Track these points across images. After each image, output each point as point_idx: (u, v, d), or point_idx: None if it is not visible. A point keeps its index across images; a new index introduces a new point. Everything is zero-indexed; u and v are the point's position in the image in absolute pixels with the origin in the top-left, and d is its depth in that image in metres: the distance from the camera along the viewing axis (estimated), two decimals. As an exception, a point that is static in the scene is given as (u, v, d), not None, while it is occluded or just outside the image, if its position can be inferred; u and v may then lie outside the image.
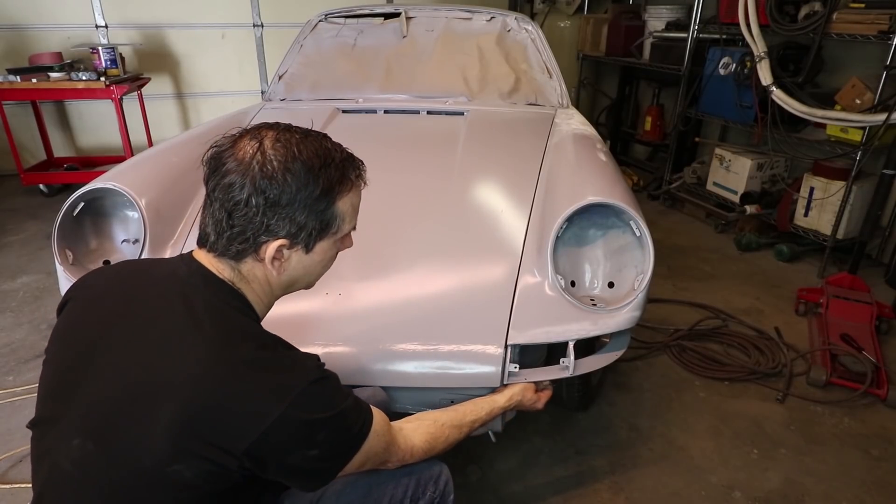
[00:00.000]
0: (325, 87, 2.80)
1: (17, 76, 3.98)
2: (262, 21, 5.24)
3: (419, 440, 1.10)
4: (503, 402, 1.35)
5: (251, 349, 0.86)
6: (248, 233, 0.89)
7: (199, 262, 0.93)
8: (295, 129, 0.93)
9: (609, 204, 1.58)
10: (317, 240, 0.95)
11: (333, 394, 0.91)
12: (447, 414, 1.20)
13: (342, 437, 0.91)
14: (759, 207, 3.64)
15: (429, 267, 1.62)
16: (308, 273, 1.00)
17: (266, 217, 0.88)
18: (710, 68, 3.80)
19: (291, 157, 0.88)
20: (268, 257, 0.91)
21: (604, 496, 1.81)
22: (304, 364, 0.90)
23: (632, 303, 1.53)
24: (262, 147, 0.88)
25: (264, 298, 0.97)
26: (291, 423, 0.82)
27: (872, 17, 2.89)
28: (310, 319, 1.50)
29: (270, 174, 0.87)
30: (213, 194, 0.89)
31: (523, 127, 2.42)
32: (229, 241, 0.89)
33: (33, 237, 3.70)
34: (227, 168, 0.88)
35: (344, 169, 0.95)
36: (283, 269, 0.94)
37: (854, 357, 2.35)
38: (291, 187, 0.88)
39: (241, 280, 0.93)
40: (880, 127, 2.87)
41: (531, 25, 2.93)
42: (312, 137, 0.93)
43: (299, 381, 0.85)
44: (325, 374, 0.91)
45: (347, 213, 0.97)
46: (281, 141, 0.89)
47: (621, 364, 2.39)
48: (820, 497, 1.82)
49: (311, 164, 0.89)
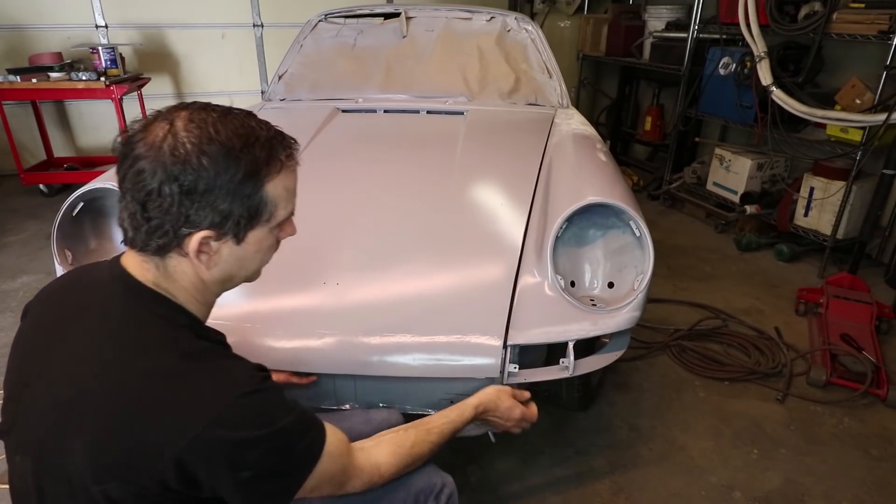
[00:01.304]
0: (324, 87, 2.80)
1: (17, 76, 3.99)
2: (262, 21, 5.24)
3: (384, 457, 1.01)
4: (474, 402, 1.22)
5: (170, 359, 0.79)
6: (167, 226, 0.79)
7: (122, 266, 0.85)
8: (213, 108, 0.83)
9: (609, 204, 1.58)
10: (247, 229, 0.84)
11: (269, 408, 0.81)
12: (412, 425, 1.11)
13: (283, 458, 0.81)
14: (759, 207, 3.64)
15: (427, 263, 1.62)
16: (244, 266, 0.90)
17: (183, 207, 0.78)
18: (710, 68, 3.80)
19: (207, 138, 0.78)
20: (192, 251, 0.81)
21: (604, 496, 1.81)
22: (233, 374, 0.81)
23: (632, 303, 1.53)
24: (173, 128, 0.78)
25: (199, 297, 0.88)
26: (212, 442, 0.74)
27: (872, 17, 2.89)
28: (307, 309, 1.50)
29: (183, 158, 0.77)
30: (124, 185, 0.79)
31: (523, 127, 2.42)
32: (148, 236, 0.80)
33: (33, 237, 3.70)
34: (137, 154, 0.78)
35: (271, 148, 0.84)
36: (212, 262, 0.85)
37: (854, 357, 2.35)
38: (209, 172, 0.78)
39: (168, 279, 0.84)
40: (880, 127, 2.87)
41: (531, 25, 2.93)
42: (233, 115, 0.83)
43: (224, 394, 0.77)
44: (261, 386, 0.81)
45: (280, 197, 0.86)
46: (195, 121, 0.79)
47: (621, 364, 2.39)
48: (820, 497, 1.82)
49: (230, 144, 0.79)
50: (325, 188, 1.96)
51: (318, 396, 1.50)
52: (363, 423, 1.25)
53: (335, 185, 1.97)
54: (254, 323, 1.46)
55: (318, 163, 2.10)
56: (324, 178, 2.02)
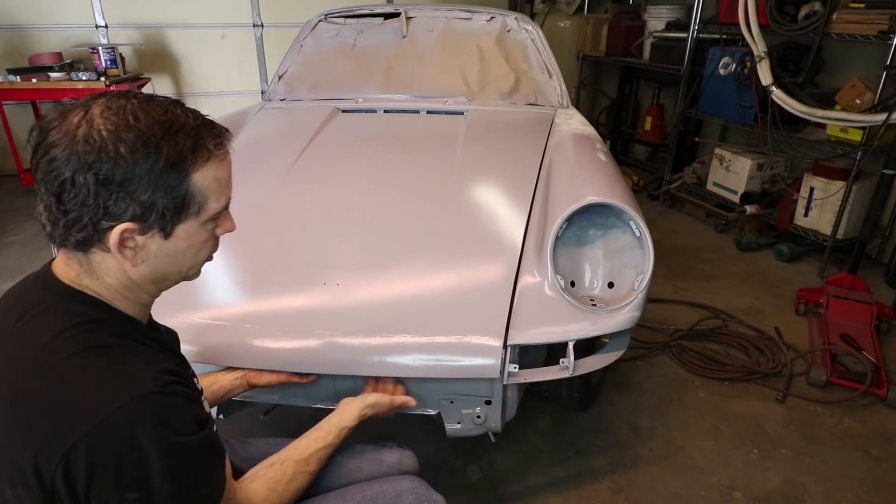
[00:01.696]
0: (324, 87, 2.80)
1: (17, 76, 3.99)
2: (262, 21, 5.24)
3: (260, 496, 0.96)
4: (351, 422, 1.18)
5: (66, 354, 0.73)
6: (85, 218, 0.73)
7: (49, 267, 0.81)
8: (134, 95, 0.78)
9: (609, 204, 1.58)
10: (174, 222, 0.79)
11: (170, 416, 0.74)
12: (286, 452, 1.06)
13: (176, 487, 0.74)
14: (759, 207, 3.64)
15: (427, 263, 1.62)
16: (176, 263, 0.83)
17: (101, 198, 0.73)
18: (710, 68, 3.80)
19: (125, 124, 0.73)
20: (113, 245, 0.76)
21: (604, 496, 1.81)
22: (135, 372, 0.74)
23: (632, 303, 1.53)
24: (88, 115, 0.73)
25: (129, 295, 0.82)
26: (100, 446, 0.68)
27: (872, 17, 2.89)
28: (307, 310, 1.50)
29: (99, 146, 0.72)
30: (37, 175, 0.74)
31: (523, 127, 2.42)
32: (66, 231, 0.75)
33: (33, 237, 3.70)
34: (50, 142, 0.72)
35: (198, 137, 0.79)
36: (139, 258, 0.79)
37: (854, 357, 2.35)
38: (126, 160, 0.72)
39: (92, 277, 0.79)
40: (880, 127, 2.87)
41: (531, 25, 2.93)
42: (156, 103, 0.78)
43: (119, 393, 0.71)
44: (165, 388, 0.75)
45: (210, 188, 0.81)
46: (112, 108, 0.74)
47: (621, 364, 2.39)
48: (820, 497, 1.82)
49: (150, 132, 0.74)
50: (325, 188, 1.96)
51: (318, 397, 1.50)
52: (373, 462, 1.21)
53: (335, 185, 1.97)
54: (254, 323, 1.46)
55: (318, 163, 2.10)
56: (324, 178, 2.02)
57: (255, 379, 1.36)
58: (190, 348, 1.38)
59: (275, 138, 2.38)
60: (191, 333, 1.42)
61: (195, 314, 1.47)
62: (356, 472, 1.18)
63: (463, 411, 1.51)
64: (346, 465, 1.18)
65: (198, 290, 1.52)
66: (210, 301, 1.52)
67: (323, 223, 1.79)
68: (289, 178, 1.99)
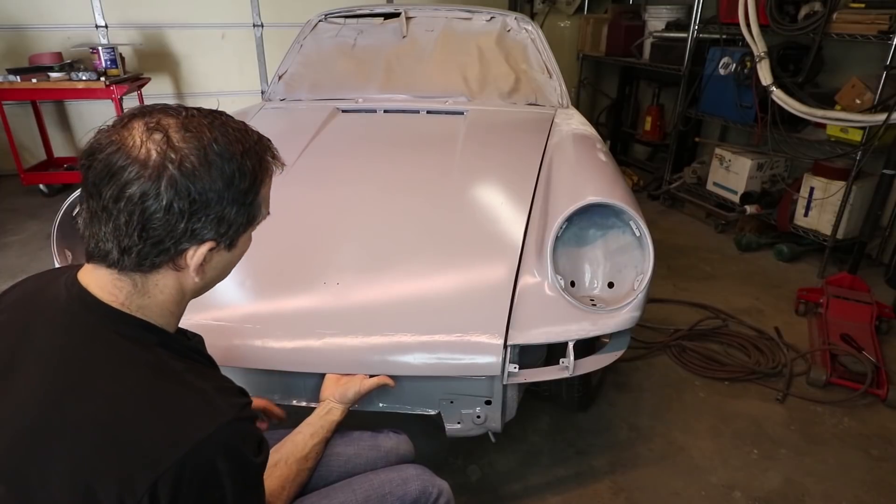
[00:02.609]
0: (324, 87, 2.81)
1: (17, 76, 3.99)
2: (262, 21, 5.24)
3: (273, 494, 1.00)
4: (339, 416, 1.25)
5: (142, 382, 0.73)
6: (168, 242, 0.74)
7: (80, 284, 0.78)
8: (195, 111, 0.78)
9: (609, 204, 1.58)
10: (241, 233, 0.82)
11: (247, 440, 0.77)
12: (286, 449, 1.10)
13: (243, 498, 0.77)
14: (759, 207, 3.64)
15: (428, 263, 1.63)
16: (227, 271, 0.86)
17: (191, 222, 0.74)
18: (710, 68, 3.80)
19: (208, 146, 0.74)
20: (193, 265, 0.77)
21: (604, 496, 1.81)
22: (213, 401, 0.75)
23: (632, 303, 1.53)
24: (170, 141, 0.72)
25: (174, 309, 0.82)
26: (188, 473, 0.69)
27: (872, 17, 2.89)
28: (308, 310, 1.50)
29: (191, 172, 0.72)
30: (117, 206, 0.71)
31: (523, 127, 2.42)
32: (140, 257, 0.74)
33: (33, 237, 3.70)
34: (130, 175, 0.70)
35: (261, 151, 0.82)
36: (204, 272, 0.80)
37: (854, 357, 2.35)
38: (218, 183, 0.74)
39: (143, 296, 0.77)
40: (880, 127, 2.87)
41: (531, 25, 2.93)
42: (219, 120, 0.78)
43: (204, 422, 0.72)
44: (241, 414, 0.76)
45: (267, 199, 0.86)
46: (190, 130, 0.74)
47: (621, 364, 2.39)
48: (820, 497, 1.82)
49: (231, 151, 0.75)
50: (326, 188, 1.96)
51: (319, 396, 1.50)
52: (371, 448, 1.23)
53: (335, 186, 1.97)
54: (254, 323, 1.46)
55: (319, 163, 2.10)
56: (324, 179, 2.02)
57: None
58: (190, 348, 1.39)
59: (275, 138, 2.37)
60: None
61: (196, 315, 1.47)
62: (355, 458, 1.20)
63: (463, 411, 1.51)
64: (344, 454, 1.20)
65: (198, 290, 1.52)
66: (210, 302, 1.52)
67: (323, 223, 1.79)
68: (289, 178, 1.98)
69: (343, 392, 1.30)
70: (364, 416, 1.33)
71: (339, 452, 1.20)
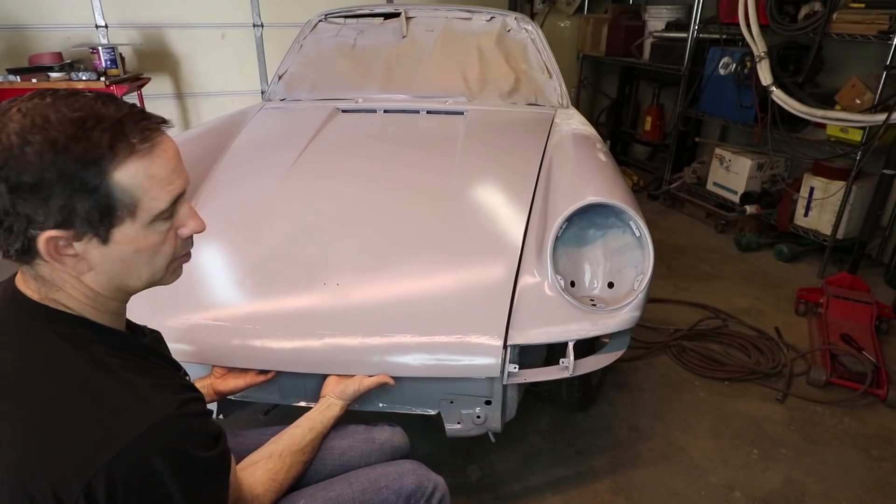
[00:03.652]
0: (324, 87, 2.80)
1: (17, 76, 3.98)
2: (262, 21, 5.23)
3: (262, 486, 1.00)
4: (338, 412, 1.26)
5: (74, 382, 0.71)
6: (15, 227, 0.69)
7: (14, 285, 0.78)
8: (53, 92, 0.72)
9: (609, 204, 1.58)
10: (107, 226, 0.72)
11: (187, 437, 0.74)
12: (283, 442, 1.11)
13: (191, 498, 0.74)
14: (759, 207, 3.64)
15: (428, 263, 1.63)
16: (132, 268, 0.78)
17: (18, 206, 0.68)
18: (710, 68, 3.80)
19: (31, 126, 0.68)
20: (44, 254, 0.71)
21: (604, 496, 1.81)
22: (148, 397, 0.73)
23: (632, 303, 1.53)
24: (4, 116, 0.69)
25: (95, 304, 0.78)
26: (123, 474, 0.68)
27: (872, 17, 2.89)
28: (308, 310, 1.50)
29: (7, 149, 0.67)
30: None
31: (523, 127, 2.42)
32: (5, 241, 0.71)
33: None
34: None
35: (118, 131, 0.71)
36: (83, 267, 0.74)
37: (854, 357, 2.35)
38: (33, 164, 0.67)
39: (53, 290, 0.75)
40: (880, 127, 2.87)
41: (531, 25, 2.93)
42: (75, 98, 0.72)
43: (137, 420, 0.70)
44: (180, 411, 0.74)
45: (141, 186, 0.73)
46: (23, 110, 0.69)
47: (621, 364, 2.39)
48: (820, 497, 1.82)
49: (59, 131, 0.68)
50: (325, 188, 1.96)
51: (318, 396, 1.50)
52: (365, 441, 1.24)
53: (335, 186, 1.97)
54: (254, 324, 1.46)
55: (318, 163, 2.10)
56: (324, 178, 2.02)
57: (221, 385, 1.36)
58: (190, 349, 1.39)
59: (275, 138, 2.38)
60: (191, 334, 1.42)
61: (195, 315, 1.47)
62: (350, 451, 1.21)
63: (463, 411, 1.51)
64: (339, 447, 1.21)
65: (197, 290, 1.52)
66: (210, 301, 1.52)
67: (323, 223, 1.79)
68: (289, 178, 1.99)
69: (343, 389, 1.31)
70: (364, 417, 1.33)
71: (333, 446, 1.21)
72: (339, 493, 1.07)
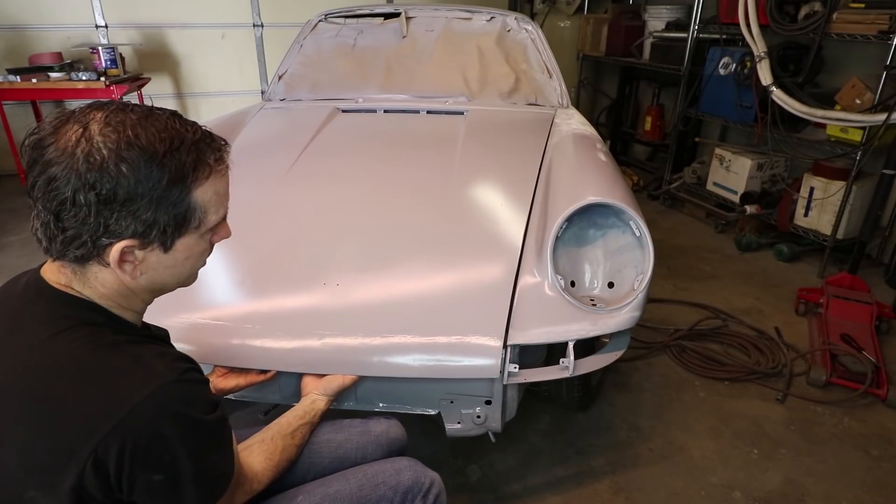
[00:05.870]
0: (324, 87, 2.81)
1: (17, 76, 3.99)
2: (262, 21, 5.24)
3: (260, 466, 1.03)
4: (323, 405, 1.28)
5: (80, 354, 0.75)
6: (85, 236, 0.73)
7: (39, 274, 0.81)
8: (132, 108, 0.77)
9: (609, 204, 1.58)
10: (175, 237, 0.79)
11: (189, 401, 0.77)
12: (273, 428, 1.13)
13: (198, 466, 0.78)
14: (759, 207, 3.64)
15: (427, 263, 1.63)
16: (175, 273, 0.84)
17: (102, 217, 0.72)
18: (710, 68, 3.80)
19: (126, 142, 0.72)
20: (113, 262, 0.76)
21: (604, 496, 1.81)
22: (151, 364, 0.77)
23: (632, 303, 1.53)
24: (87, 132, 0.72)
25: (123, 302, 0.82)
26: (129, 437, 0.71)
27: (872, 17, 2.89)
28: (307, 310, 1.50)
29: (100, 165, 0.71)
30: (34, 193, 0.73)
31: (523, 127, 2.42)
32: (64, 247, 0.75)
33: (33, 237, 3.69)
34: (48, 159, 0.72)
35: (199, 152, 0.78)
36: (138, 272, 0.79)
37: (854, 357, 2.35)
38: (128, 179, 0.72)
39: (85, 285, 0.79)
40: (880, 127, 2.87)
41: (531, 25, 2.93)
42: (156, 117, 0.77)
43: (141, 385, 0.73)
44: (182, 377, 0.77)
45: (211, 202, 0.81)
46: (112, 124, 0.73)
47: (621, 364, 2.39)
48: (820, 497, 1.82)
49: (152, 149, 0.73)
50: (326, 188, 1.96)
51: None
52: (361, 433, 1.24)
53: (335, 186, 1.97)
54: (254, 324, 1.46)
55: (319, 163, 2.10)
56: (324, 179, 2.02)
57: (222, 384, 1.36)
58: (190, 349, 1.38)
59: (275, 138, 2.38)
60: (191, 334, 1.42)
61: (196, 314, 1.47)
62: (346, 444, 1.21)
63: (463, 411, 1.51)
64: (334, 440, 1.21)
65: (198, 290, 1.52)
66: (211, 301, 1.52)
67: (323, 223, 1.79)
68: (289, 178, 1.99)
69: (327, 385, 1.32)
70: (364, 417, 1.33)
71: (329, 439, 1.21)
72: (336, 490, 1.08)
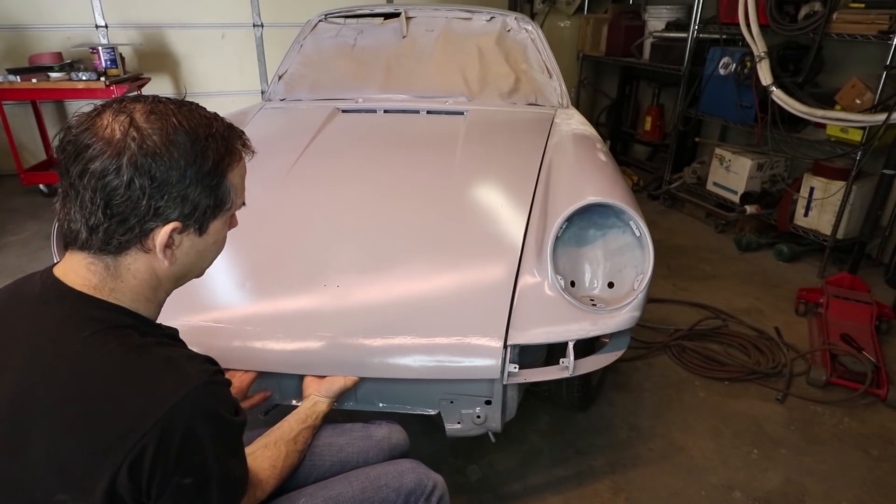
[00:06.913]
0: (324, 87, 2.80)
1: (17, 76, 3.99)
2: (262, 21, 5.24)
3: (263, 472, 1.03)
4: (325, 407, 1.28)
5: (113, 357, 0.75)
6: (133, 220, 0.76)
7: (54, 276, 0.81)
8: (167, 99, 0.82)
9: (609, 204, 1.58)
10: (210, 219, 0.84)
11: (221, 402, 0.80)
12: (276, 433, 1.13)
13: (222, 469, 0.79)
14: (759, 207, 3.64)
15: (428, 264, 1.63)
16: (201, 259, 0.88)
17: (153, 200, 0.76)
18: (710, 68, 3.80)
19: (173, 128, 0.77)
20: (159, 245, 0.79)
21: (604, 496, 1.81)
22: (183, 367, 0.78)
23: (632, 303, 1.53)
24: (134, 122, 0.76)
25: (149, 294, 0.84)
26: (164, 439, 0.71)
27: (872, 17, 2.89)
28: (308, 311, 1.50)
29: (153, 150, 0.75)
30: (82, 182, 0.74)
31: (523, 127, 2.42)
32: (107, 235, 0.76)
33: (33, 237, 3.69)
34: (94, 153, 0.74)
35: (229, 138, 0.84)
36: (174, 257, 0.82)
37: (854, 357, 2.35)
38: (180, 163, 0.77)
39: (116, 280, 0.80)
40: (880, 127, 2.87)
41: (531, 25, 2.93)
42: (188, 106, 0.82)
43: (175, 388, 0.74)
44: (213, 378, 0.80)
45: (238, 186, 0.88)
46: (156, 112, 0.78)
47: (621, 364, 2.39)
48: (820, 497, 1.82)
49: (195, 134, 0.79)
50: (326, 189, 1.96)
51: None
52: (363, 438, 1.24)
53: (335, 186, 1.97)
54: (255, 325, 1.46)
55: (319, 163, 2.10)
56: (324, 179, 2.02)
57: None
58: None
59: (275, 138, 2.38)
60: (192, 336, 1.40)
61: (197, 316, 1.47)
62: (347, 447, 1.21)
63: (463, 411, 1.51)
64: (336, 444, 1.21)
65: (199, 292, 1.52)
66: (211, 303, 1.52)
67: (323, 224, 1.78)
68: (289, 179, 1.99)
69: (329, 386, 1.32)
70: (364, 416, 1.33)
71: (331, 443, 1.21)
72: (339, 492, 1.08)
